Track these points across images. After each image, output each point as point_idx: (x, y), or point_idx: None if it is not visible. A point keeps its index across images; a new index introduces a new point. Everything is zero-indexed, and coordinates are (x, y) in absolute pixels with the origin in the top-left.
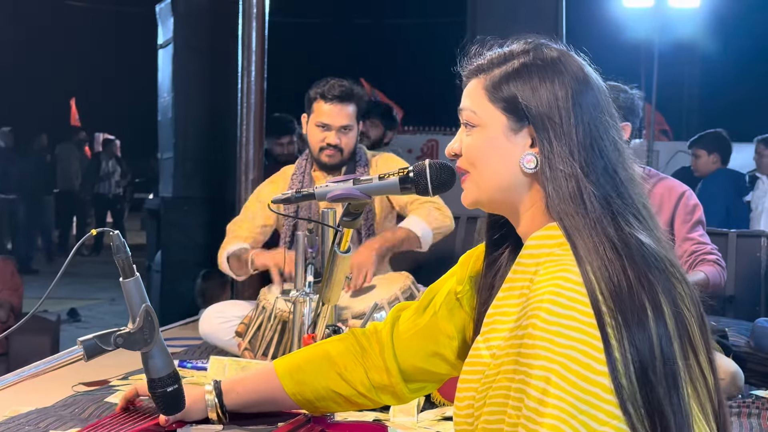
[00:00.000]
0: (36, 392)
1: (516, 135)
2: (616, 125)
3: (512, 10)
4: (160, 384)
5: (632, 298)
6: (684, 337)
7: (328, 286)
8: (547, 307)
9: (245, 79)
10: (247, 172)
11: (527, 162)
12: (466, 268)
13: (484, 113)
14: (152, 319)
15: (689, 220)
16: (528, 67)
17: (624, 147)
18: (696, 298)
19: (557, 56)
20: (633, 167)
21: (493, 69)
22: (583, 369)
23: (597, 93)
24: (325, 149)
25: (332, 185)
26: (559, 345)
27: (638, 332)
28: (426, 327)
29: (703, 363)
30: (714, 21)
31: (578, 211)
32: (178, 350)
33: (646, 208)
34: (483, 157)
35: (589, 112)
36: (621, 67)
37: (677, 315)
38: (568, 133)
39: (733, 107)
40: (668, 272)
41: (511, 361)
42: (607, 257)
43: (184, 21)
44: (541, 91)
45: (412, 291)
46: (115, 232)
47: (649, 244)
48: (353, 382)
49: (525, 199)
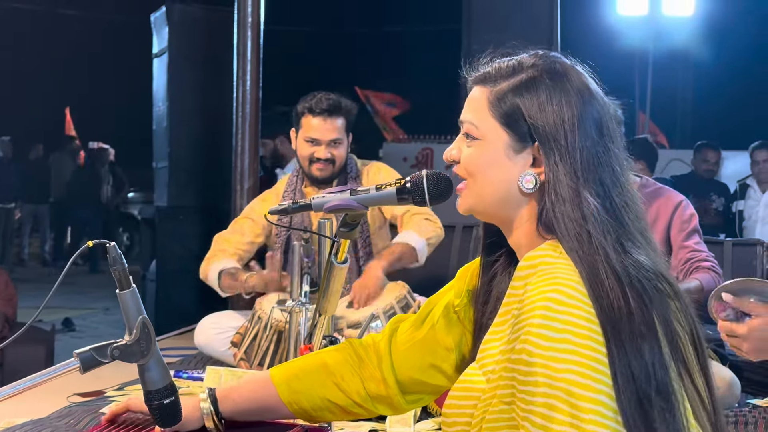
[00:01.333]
0: (31, 403)
1: (517, 154)
2: (616, 146)
3: (507, 18)
4: (157, 396)
5: (630, 323)
6: (678, 360)
7: (325, 296)
8: (540, 332)
9: (240, 88)
10: (243, 181)
11: (526, 182)
12: (464, 281)
13: (486, 128)
14: (149, 331)
15: (685, 229)
16: (536, 83)
17: (622, 170)
18: (690, 313)
19: (565, 72)
20: (631, 189)
21: (499, 81)
22: (583, 390)
23: (601, 113)
24: (315, 162)
25: (329, 196)
26: (557, 370)
27: (634, 358)
28: (424, 339)
29: (698, 382)
30: (707, 29)
31: (581, 234)
32: (173, 360)
33: (643, 233)
34: (481, 171)
35: (592, 135)
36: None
37: (672, 339)
38: (572, 155)
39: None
40: (664, 292)
41: (507, 386)
42: (608, 282)
43: (179, 30)
44: (548, 110)
45: (408, 300)
46: (111, 244)
47: (645, 265)
48: (350, 392)
49: (519, 215)
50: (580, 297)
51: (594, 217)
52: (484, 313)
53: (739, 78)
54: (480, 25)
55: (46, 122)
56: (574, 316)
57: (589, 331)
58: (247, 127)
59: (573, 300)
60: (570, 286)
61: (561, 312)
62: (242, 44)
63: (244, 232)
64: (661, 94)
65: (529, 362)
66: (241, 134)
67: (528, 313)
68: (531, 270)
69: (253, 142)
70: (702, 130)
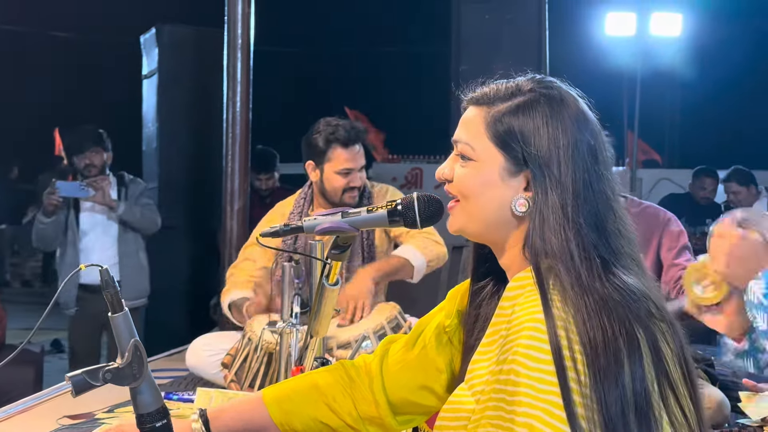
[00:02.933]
0: (21, 426)
1: (512, 177)
2: (608, 174)
3: (496, 39)
4: (149, 419)
5: (606, 353)
6: (665, 383)
7: (316, 318)
8: (528, 353)
9: (230, 109)
10: (233, 202)
11: (519, 206)
12: (454, 302)
13: (482, 150)
14: (141, 354)
15: (674, 247)
16: (533, 107)
17: (614, 197)
18: (678, 334)
19: (562, 98)
20: (622, 218)
21: (497, 102)
22: (563, 412)
23: (594, 139)
24: (349, 191)
25: (320, 218)
26: (540, 391)
27: (608, 388)
28: (415, 360)
29: (684, 403)
30: (695, 49)
31: (563, 262)
32: (164, 382)
33: (635, 258)
34: (474, 193)
35: (585, 162)
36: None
37: (658, 361)
38: (563, 183)
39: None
40: (651, 314)
41: (496, 407)
42: (587, 311)
43: (168, 51)
44: (543, 137)
45: (399, 321)
46: (104, 267)
47: (633, 287)
48: (341, 414)
49: (511, 237)
50: (568, 319)
51: (580, 243)
52: (472, 334)
53: (727, 97)
54: (469, 46)
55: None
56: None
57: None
58: (237, 148)
59: (561, 321)
60: (558, 307)
61: None
62: (232, 65)
63: (255, 259)
64: (649, 114)
65: (516, 382)
66: (231, 155)
67: (516, 334)
68: (519, 291)
69: (243, 162)
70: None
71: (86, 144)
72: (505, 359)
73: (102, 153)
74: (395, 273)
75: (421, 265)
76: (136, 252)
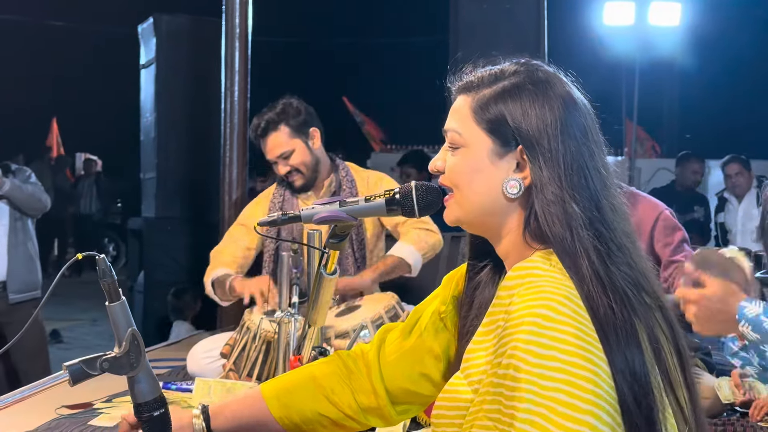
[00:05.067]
0: (19, 415)
1: (500, 159)
2: (600, 151)
3: (494, 28)
4: (147, 408)
5: (615, 330)
6: (661, 371)
7: (314, 308)
8: (529, 348)
9: (228, 99)
10: (231, 192)
11: (510, 187)
12: (449, 288)
13: (469, 135)
14: (138, 343)
15: (671, 243)
16: (518, 89)
17: (608, 174)
18: (674, 324)
19: (547, 79)
20: (616, 194)
21: (482, 88)
22: (569, 410)
23: (584, 119)
24: (287, 178)
25: (318, 207)
26: (544, 388)
27: (622, 364)
28: (412, 348)
29: (680, 394)
30: (694, 39)
31: (565, 238)
32: (161, 372)
33: (629, 236)
34: (466, 179)
35: (576, 139)
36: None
37: (655, 348)
38: (555, 159)
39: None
40: (647, 303)
41: (494, 401)
42: (593, 286)
43: (166, 41)
44: (531, 115)
45: (397, 310)
46: (101, 256)
47: (629, 274)
48: (340, 405)
49: (506, 223)
50: (569, 313)
51: (580, 220)
52: (467, 320)
53: (725, 87)
54: (467, 36)
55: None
56: (562, 332)
57: (578, 347)
58: (235, 137)
59: (562, 316)
60: (559, 301)
61: (549, 328)
62: (230, 55)
63: (238, 239)
64: (647, 104)
65: (516, 378)
66: (230, 145)
67: (515, 327)
68: (519, 281)
69: (242, 152)
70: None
71: None
72: (504, 352)
73: None
74: (392, 272)
75: (417, 262)
76: (24, 242)
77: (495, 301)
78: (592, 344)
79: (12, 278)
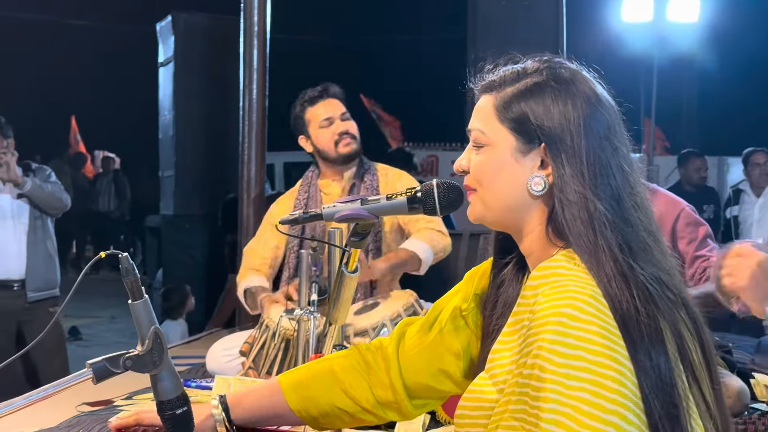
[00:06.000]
0: (40, 413)
1: (524, 157)
2: (624, 147)
3: (513, 25)
4: (169, 406)
5: (639, 327)
6: (686, 368)
7: (335, 306)
8: (554, 348)
9: (247, 97)
10: (249, 190)
11: (535, 185)
12: (472, 284)
13: (492, 133)
14: (161, 341)
15: (695, 238)
16: (541, 87)
17: (631, 170)
18: (699, 321)
19: (570, 76)
20: (640, 191)
21: (505, 87)
22: (595, 410)
23: (607, 115)
24: (341, 140)
25: (339, 206)
26: (569, 387)
27: (646, 362)
28: (432, 344)
29: (705, 391)
30: (712, 35)
31: (588, 236)
32: (181, 369)
33: (652, 233)
34: (490, 178)
35: (599, 136)
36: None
37: (680, 345)
38: (578, 156)
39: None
40: (671, 300)
41: (519, 401)
42: (616, 284)
43: (184, 39)
44: (554, 112)
45: (416, 308)
46: (123, 255)
47: (652, 272)
48: (358, 399)
49: (530, 220)
50: (594, 312)
51: (602, 218)
52: (491, 320)
53: (744, 84)
54: (485, 33)
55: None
56: (587, 332)
57: (603, 347)
58: (253, 135)
59: (587, 315)
60: (584, 300)
61: (575, 328)
62: (248, 52)
63: (268, 238)
64: (665, 101)
65: (542, 378)
66: (248, 143)
67: (540, 327)
68: (543, 280)
69: (260, 150)
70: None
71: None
72: (529, 352)
73: (0, 139)
74: (403, 265)
75: (428, 259)
76: (43, 241)
77: (520, 300)
78: (617, 343)
79: (31, 277)
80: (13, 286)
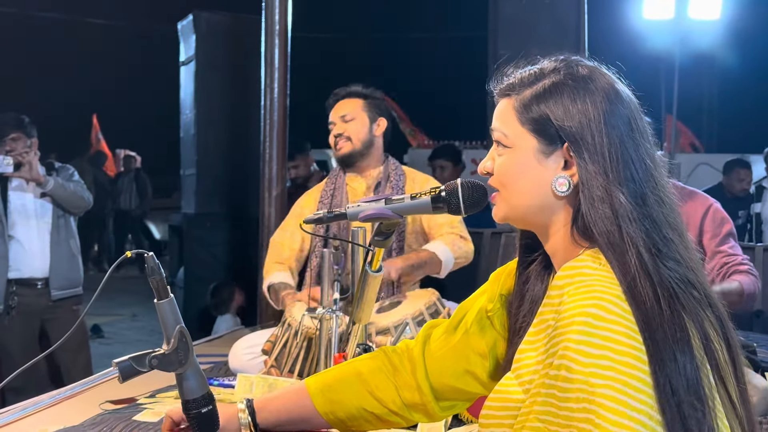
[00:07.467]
0: (64, 411)
1: (547, 158)
2: (647, 142)
3: (534, 24)
4: (195, 405)
5: (663, 327)
6: (713, 367)
7: (359, 305)
8: (580, 348)
9: (268, 95)
10: (271, 189)
11: (559, 185)
12: (497, 285)
13: (514, 136)
14: (186, 341)
15: (718, 234)
16: (559, 87)
17: (655, 165)
18: (724, 320)
19: (588, 74)
20: (664, 186)
21: (523, 89)
22: (620, 406)
23: (628, 110)
24: (336, 142)
25: (364, 205)
26: (595, 386)
27: (670, 363)
28: (458, 345)
29: (731, 390)
30: (734, 33)
31: (614, 233)
32: (204, 368)
33: (677, 229)
34: (514, 179)
35: (620, 132)
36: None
37: (706, 345)
38: (601, 153)
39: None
40: (696, 298)
41: (545, 402)
42: (640, 282)
43: (206, 38)
44: (573, 111)
45: (437, 307)
46: (149, 254)
47: (677, 270)
48: (385, 401)
49: (556, 220)
50: (619, 312)
51: (626, 215)
52: (518, 319)
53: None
54: (506, 31)
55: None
56: (613, 332)
57: (629, 347)
58: (275, 134)
59: (612, 315)
60: (610, 300)
61: (600, 327)
62: (270, 51)
63: (294, 232)
64: (687, 98)
65: (569, 378)
66: (269, 142)
67: (566, 327)
68: (569, 280)
69: (281, 149)
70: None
71: (5, 130)
72: (555, 353)
73: (24, 139)
74: (423, 266)
75: (448, 261)
76: (66, 240)
77: (545, 300)
78: (642, 343)
79: (54, 275)
80: (37, 284)
